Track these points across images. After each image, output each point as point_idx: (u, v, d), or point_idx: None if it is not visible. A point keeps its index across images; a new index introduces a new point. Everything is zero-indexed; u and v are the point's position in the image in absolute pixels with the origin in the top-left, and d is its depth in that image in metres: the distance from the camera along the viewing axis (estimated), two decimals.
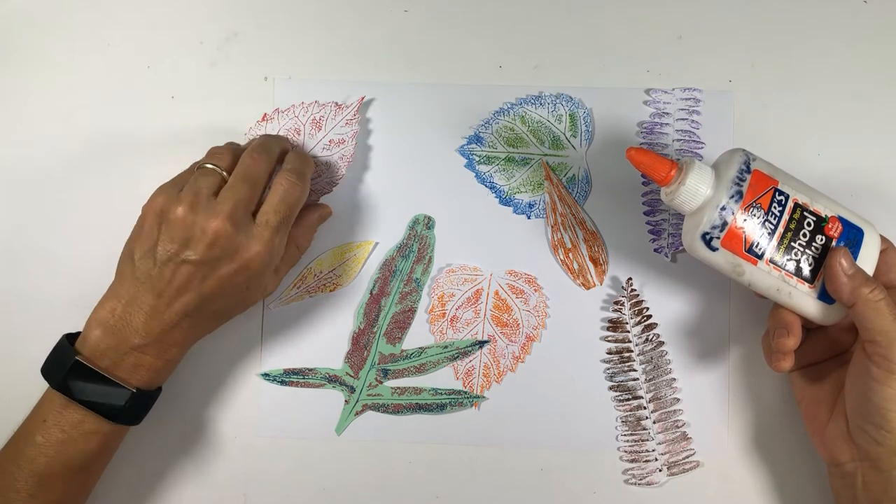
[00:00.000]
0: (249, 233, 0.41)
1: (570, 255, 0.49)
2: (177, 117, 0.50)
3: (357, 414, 0.49)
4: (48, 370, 0.41)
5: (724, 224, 0.39)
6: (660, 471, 0.48)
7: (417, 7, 0.50)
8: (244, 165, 0.42)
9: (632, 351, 0.49)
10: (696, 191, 0.40)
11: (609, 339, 0.49)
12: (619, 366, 0.49)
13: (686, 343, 0.49)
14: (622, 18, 0.50)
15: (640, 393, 0.49)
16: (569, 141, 0.50)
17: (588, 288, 0.49)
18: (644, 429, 0.48)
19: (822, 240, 0.39)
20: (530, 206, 0.49)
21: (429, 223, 0.49)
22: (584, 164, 0.50)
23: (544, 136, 0.50)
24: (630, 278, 0.49)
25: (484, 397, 0.49)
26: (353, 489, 0.48)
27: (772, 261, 0.39)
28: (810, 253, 0.40)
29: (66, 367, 0.40)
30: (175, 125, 0.50)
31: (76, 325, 0.42)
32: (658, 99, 0.50)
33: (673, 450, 0.48)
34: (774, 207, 0.39)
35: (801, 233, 0.40)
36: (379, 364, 0.49)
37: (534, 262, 0.49)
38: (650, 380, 0.49)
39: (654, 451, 0.48)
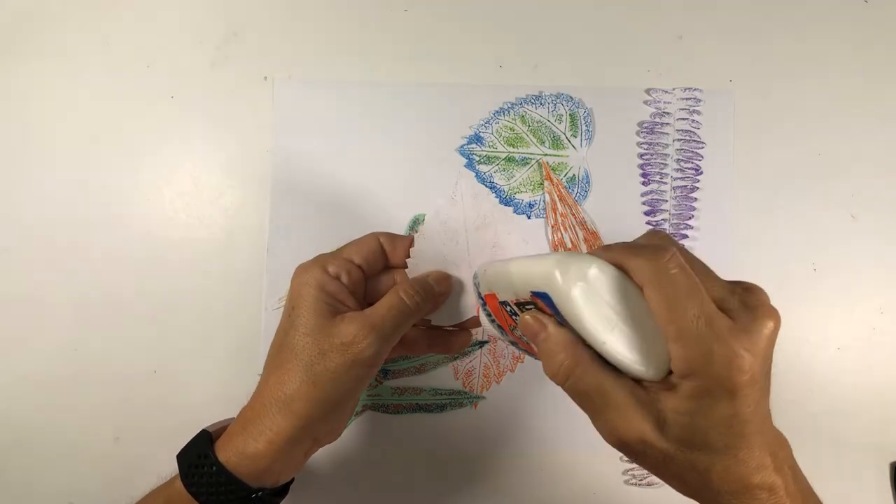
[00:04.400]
0: None
1: None
2: (177, 117, 0.50)
3: (357, 414, 0.49)
4: None
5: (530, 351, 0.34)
6: None
7: (417, 7, 0.50)
8: None
9: None
10: (487, 328, 0.36)
11: None
12: None
13: None
14: (622, 18, 0.50)
15: None
16: (569, 141, 0.50)
17: None
18: None
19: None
20: (530, 206, 0.49)
21: None
22: (584, 164, 0.49)
23: (544, 136, 0.50)
24: None
25: (483, 397, 0.49)
26: (353, 489, 0.48)
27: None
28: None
29: None
30: (175, 125, 0.50)
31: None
32: (658, 99, 0.50)
33: None
34: (515, 318, 0.32)
35: None
36: None
37: None
38: None
39: None
